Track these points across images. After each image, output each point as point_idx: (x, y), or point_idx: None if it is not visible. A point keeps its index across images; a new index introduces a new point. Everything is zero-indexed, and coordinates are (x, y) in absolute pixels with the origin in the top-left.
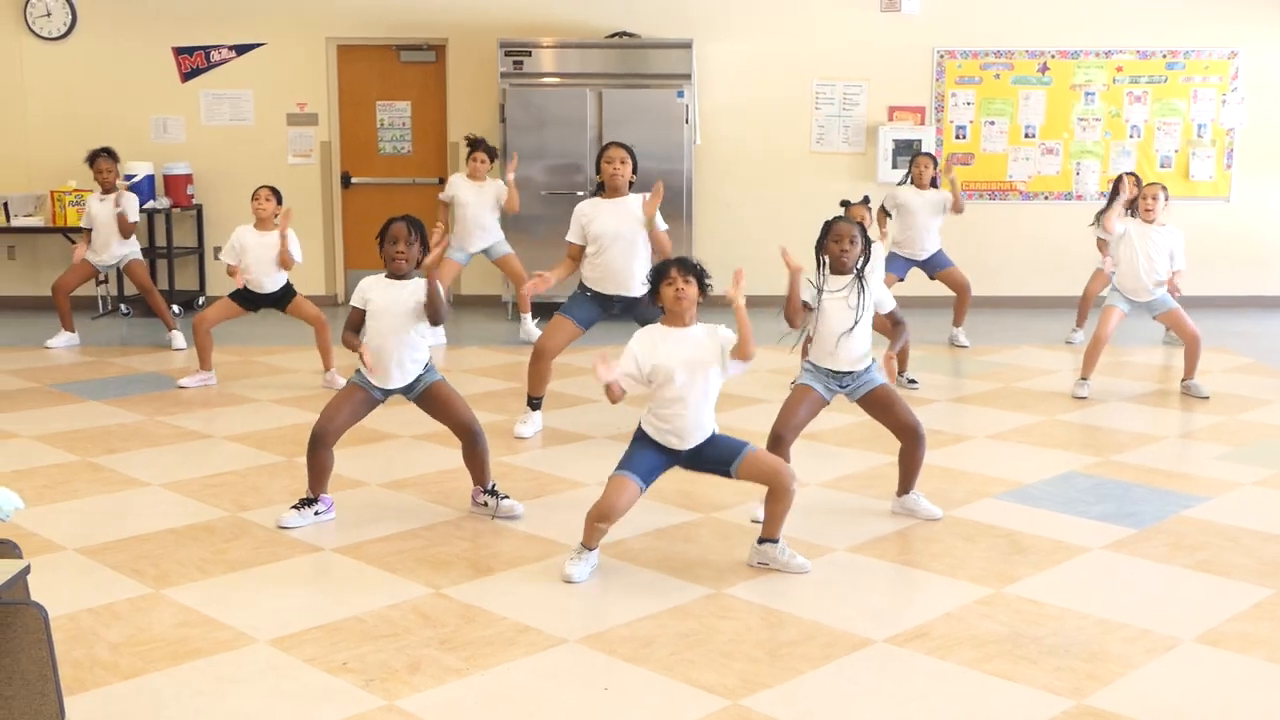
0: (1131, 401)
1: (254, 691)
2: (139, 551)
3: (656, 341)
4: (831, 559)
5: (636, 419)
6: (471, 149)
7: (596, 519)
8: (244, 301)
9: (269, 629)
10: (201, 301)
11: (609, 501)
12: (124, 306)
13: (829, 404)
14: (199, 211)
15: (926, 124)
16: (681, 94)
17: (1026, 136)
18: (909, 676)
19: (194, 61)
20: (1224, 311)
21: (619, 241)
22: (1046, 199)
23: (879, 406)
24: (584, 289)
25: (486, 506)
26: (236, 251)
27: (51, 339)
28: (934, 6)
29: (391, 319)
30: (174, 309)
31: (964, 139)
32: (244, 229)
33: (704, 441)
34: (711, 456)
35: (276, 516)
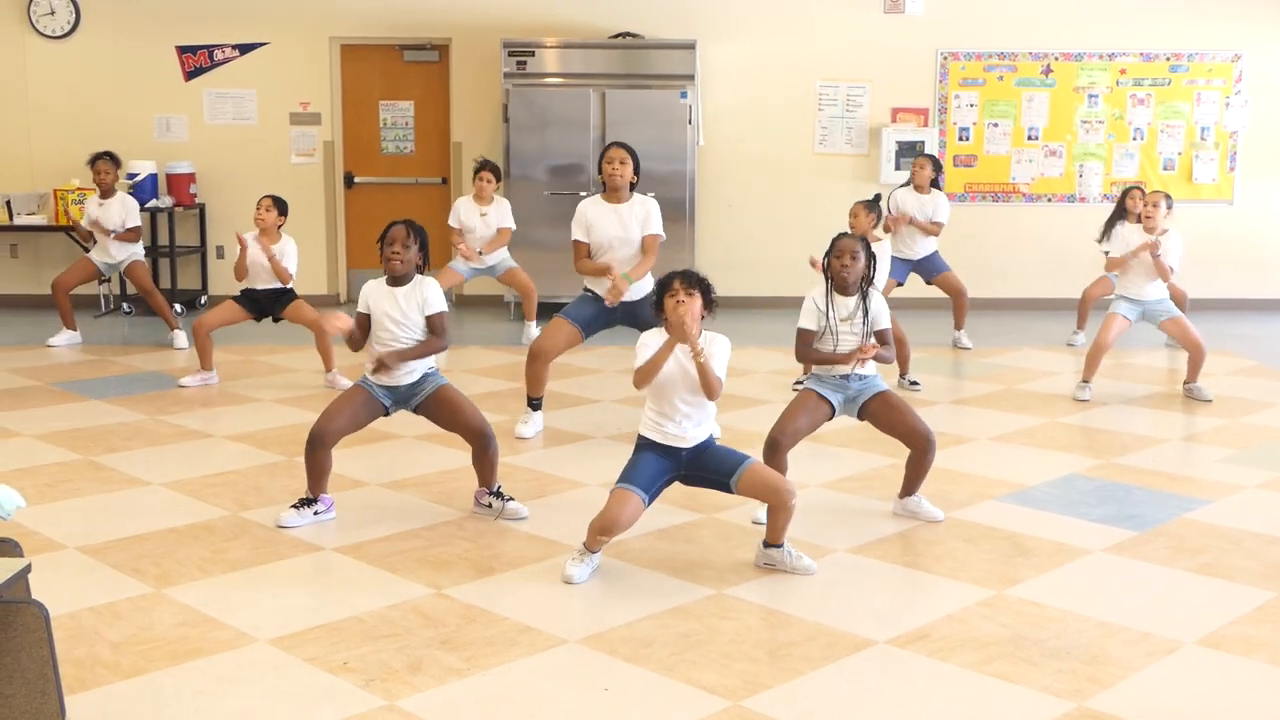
0: (1134, 404)
1: (254, 691)
2: (140, 550)
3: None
4: (833, 560)
5: (637, 419)
6: (478, 169)
7: (599, 531)
8: (246, 305)
9: (270, 628)
10: (204, 301)
11: (611, 515)
12: (126, 305)
13: (833, 416)
14: (202, 211)
15: (930, 126)
16: (685, 95)
17: (1030, 139)
18: (910, 678)
19: (197, 60)
20: (1227, 314)
21: (618, 248)
22: (1049, 201)
23: (887, 411)
24: (587, 289)
25: (490, 508)
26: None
27: (53, 337)
28: (937, 8)
29: (390, 323)
30: (176, 308)
31: (967, 141)
32: (248, 236)
33: (704, 452)
34: (711, 469)
35: (276, 516)
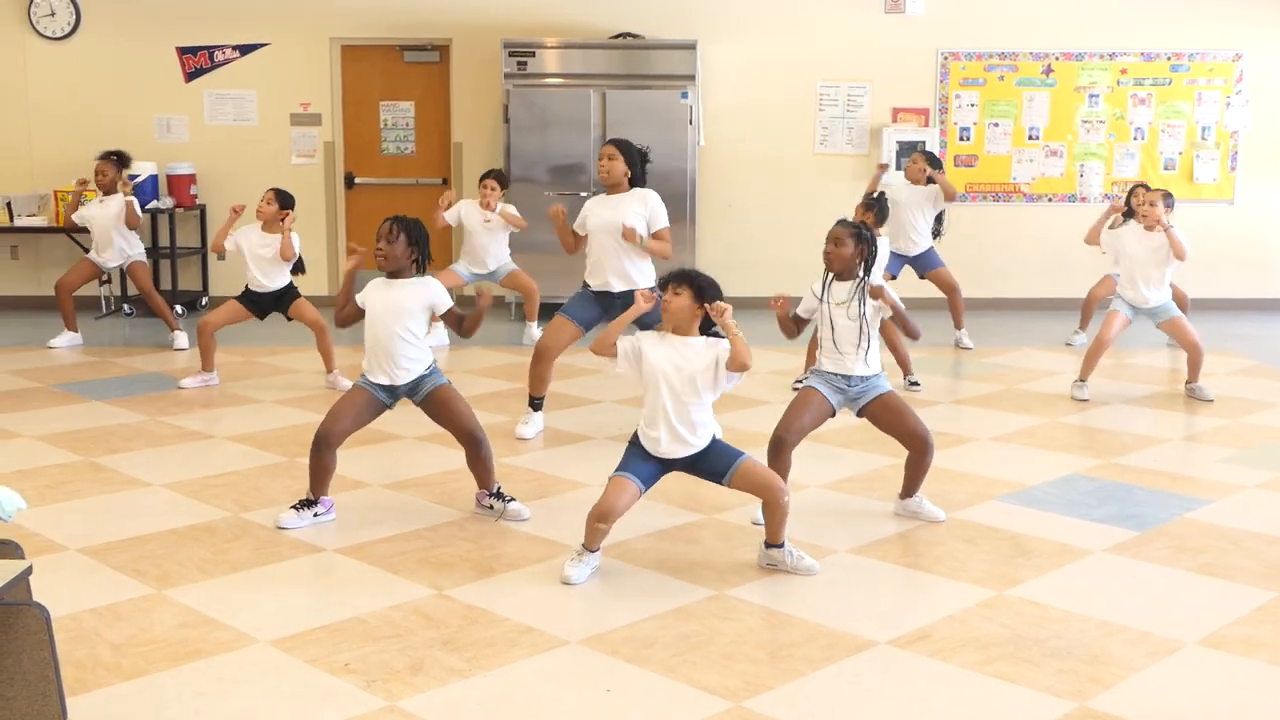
0: (1134, 404)
1: (255, 692)
2: (141, 552)
3: (656, 343)
4: (834, 561)
5: (637, 419)
6: (484, 176)
7: (596, 519)
8: (248, 304)
9: (271, 629)
10: (204, 302)
11: (609, 502)
12: (126, 306)
13: (835, 414)
14: (202, 212)
15: (930, 126)
16: (685, 95)
17: (1030, 138)
18: (911, 678)
19: (197, 61)
20: (1227, 314)
21: (605, 234)
22: (1050, 201)
23: (886, 413)
24: (585, 285)
25: (492, 510)
26: (238, 247)
27: (54, 339)
28: (938, 8)
29: (386, 317)
30: (177, 309)
31: (968, 141)
32: (248, 229)
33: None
34: (706, 466)
35: (275, 517)
